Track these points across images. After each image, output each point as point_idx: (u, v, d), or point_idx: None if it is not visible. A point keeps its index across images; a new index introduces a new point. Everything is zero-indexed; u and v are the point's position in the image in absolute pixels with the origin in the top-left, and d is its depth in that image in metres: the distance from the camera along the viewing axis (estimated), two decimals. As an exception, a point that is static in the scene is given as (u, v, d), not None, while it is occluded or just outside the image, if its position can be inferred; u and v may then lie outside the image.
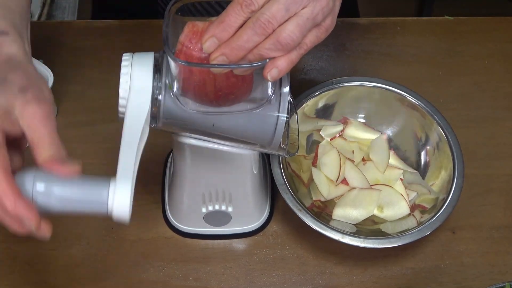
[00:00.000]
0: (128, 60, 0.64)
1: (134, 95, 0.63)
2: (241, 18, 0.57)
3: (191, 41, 0.61)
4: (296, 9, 0.58)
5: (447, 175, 0.80)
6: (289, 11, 0.57)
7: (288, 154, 0.70)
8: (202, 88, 0.62)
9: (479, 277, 0.79)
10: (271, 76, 0.59)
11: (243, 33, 0.57)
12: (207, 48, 0.58)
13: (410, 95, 0.84)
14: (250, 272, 0.79)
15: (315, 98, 0.85)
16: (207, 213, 0.78)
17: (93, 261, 0.79)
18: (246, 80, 0.62)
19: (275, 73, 0.59)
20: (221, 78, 0.61)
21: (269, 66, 0.59)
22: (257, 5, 0.57)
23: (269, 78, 0.59)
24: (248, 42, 0.57)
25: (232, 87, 0.62)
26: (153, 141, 0.66)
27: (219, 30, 0.57)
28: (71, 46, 0.99)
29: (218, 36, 0.58)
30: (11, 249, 0.80)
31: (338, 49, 1.00)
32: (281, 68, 0.59)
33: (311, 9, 0.58)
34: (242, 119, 0.66)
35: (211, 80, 0.61)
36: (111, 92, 0.68)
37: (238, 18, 0.57)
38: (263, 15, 0.57)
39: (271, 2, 0.57)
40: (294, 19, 0.58)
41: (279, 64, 0.59)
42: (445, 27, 1.03)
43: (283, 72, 0.59)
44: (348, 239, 0.74)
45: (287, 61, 0.59)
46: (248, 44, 0.57)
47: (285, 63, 0.59)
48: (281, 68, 0.59)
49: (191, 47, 0.61)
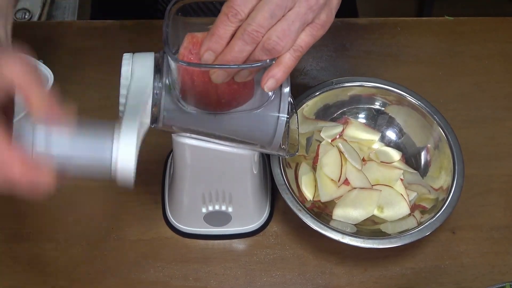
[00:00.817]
0: (128, 60, 0.64)
1: (134, 95, 0.63)
2: (230, 28, 0.57)
3: (191, 52, 0.61)
4: (282, 13, 0.58)
5: (447, 175, 0.80)
6: (274, 16, 0.57)
7: (288, 154, 0.71)
8: (204, 96, 0.63)
9: (479, 277, 0.80)
10: (268, 87, 0.59)
11: (235, 44, 0.57)
12: (205, 61, 0.59)
13: (410, 95, 0.84)
14: (250, 272, 0.79)
15: (315, 98, 0.85)
16: (207, 213, 0.78)
17: (93, 261, 0.79)
18: (247, 86, 0.62)
19: (272, 83, 0.59)
20: (223, 86, 0.62)
21: (265, 77, 0.59)
22: (243, 14, 0.57)
23: (266, 89, 0.59)
24: (241, 52, 0.58)
25: (234, 93, 0.63)
26: (153, 141, 0.66)
27: (212, 43, 0.58)
28: (71, 46, 0.99)
29: (212, 48, 0.58)
30: (11, 249, 0.80)
31: (338, 49, 1.00)
32: (278, 77, 0.59)
33: (296, 11, 0.58)
34: (242, 120, 0.66)
35: (213, 88, 0.62)
36: (111, 92, 0.68)
37: (228, 29, 0.57)
38: (250, 25, 0.57)
39: (256, 10, 0.57)
40: (279, 23, 0.58)
41: (275, 73, 0.59)
42: (445, 27, 1.03)
43: (280, 81, 0.59)
44: (348, 239, 0.74)
45: (282, 69, 0.59)
46: (241, 54, 0.58)
47: (280, 72, 0.59)
48: (277, 77, 0.59)
49: (191, 58, 0.61)
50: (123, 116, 0.55)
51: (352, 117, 0.87)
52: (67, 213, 0.82)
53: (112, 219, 0.82)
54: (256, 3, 0.57)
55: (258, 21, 0.57)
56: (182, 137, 0.69)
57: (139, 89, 0.63)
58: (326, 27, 0.61)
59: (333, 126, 0.86)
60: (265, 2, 0.57)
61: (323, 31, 0.61)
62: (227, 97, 0.63)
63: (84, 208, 0.83)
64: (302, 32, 0.59)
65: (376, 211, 0.81)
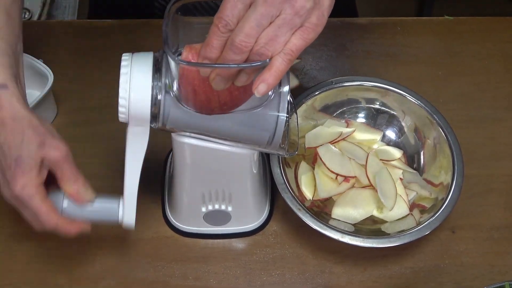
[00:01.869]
0: (128, 60, 0.64)
1: (134, 95, 0.63)
2: (222, 38, 0.59)
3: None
4: (269, 21, 0.58)
5: (447, 175, 0.80)
6: (260, 25, 0.58)
7: (288, 154, 0.71)
8: (207, 105, 0.64)
9: (478, 277, 0.80)
10: (259, 91, 0.59)
11: (226, 55, 0.59)
12: (203, 71, 0.60)
13: (410, 95, 0.84)
14: (250, 271, 0.79)
15: (315, 98, 0.85)
16: (207, 212, 0.78)
17: (93, 260, 0.79)
18: (247, 90, 0.63)
19: (263, 88, 0.59)
20: (224, 94, 0.62)
21: (256, 82, 0.59)
22: (232, 24, 0.58)
23: (257, 93, 0.59)
24: (233, 61, 0.59)
25: (236, 99, 0.63)
26: (153, 141, 0.66)
27: (207, 53, 0.59)
28: (71, 46, 0.99)
29: (208, 58, 0.60)
30: (11, 249, 0.80)
31: (338, 49, 1.00)
32: (269, 81, 0.59)
33: (283, 17, 0.58)
34: (242, 119, 0.66)
35: (215, 97, 0.63)
36: (111, 92, 0.68)
37: (219, 39, 0.59)
38: (237, 36, 0.58)
39: (243, 21, 0.58)
40: (266, 30, 0.58)
41: (266, 77, 0.59)
42: (445, 27, 1.04)
43: (271, 85, 0.59)
44: (348, 238, 0.74)
45: (274, 73, 0.59)
46: (233, 63, 0.59)
47: (272, 77, 0.59)
48: (269, 81, 0.59)
49: (190, 68, 0.62)
50: (124, 191, 0.70)
51: (352, 116, 0.87)
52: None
53: (112, 219, 0.82)
54: (244, 13, 0.58)
55: (245, 32, 0.58)
56: (182, 136, 0.69)
57: (139, 89, 0.63)
58: (318, 30, 0.61)
59: (337, 124, 0.86)
60: (251, 12, 0.58)
61: (315, 33, 0.61)
62: (229, 103, 0.64)
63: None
64: (292, 36, 0.60)
65: (375, 211, 0.81)
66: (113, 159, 0.87)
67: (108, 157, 0.87)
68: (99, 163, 0.86)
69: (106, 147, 0.88)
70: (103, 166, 0.86)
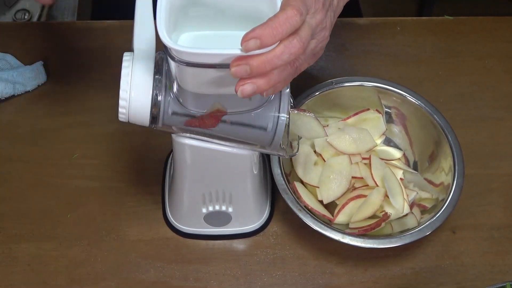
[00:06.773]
0: (129, 60, 0.64)
1: (134, 95, 0.63)
2: (296, 24, 0.56)
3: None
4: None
5: (447, 175, 0.80)
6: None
7: (288, 155, 0.70)
8: (213, 123, 0.65)
9: (479, 277, 0.80)
10: (242, 92, 0.57)
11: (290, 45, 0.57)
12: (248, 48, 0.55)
13: (410, 95, 0.84)
14: (251, 272, 0.79)
15: (315, 98, 0.85)
16: (207, 213, 0.78)
17: (93, 261, 0.79)
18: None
19: (249, 89, 0.57)
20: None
21: (239, 83, 0.57)
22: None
23: (240, 94, 0.57)
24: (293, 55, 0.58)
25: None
26: (153, 141, 0.66)
27: (271, 34, 0.55)
28: (71, 47, 0.99)
29: (265, 42, 0.55)
30: (11, 249, 0.80)
31: (338, 49, 1.00)
32: (259, 84, 0.57)
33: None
34: (242, 119, 0.66)
35: (219, 116, 0.64)
36: (111, 92, 0.68)
37: (292, 26, 0.56)
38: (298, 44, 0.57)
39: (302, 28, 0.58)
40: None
41: (256, 80, 0.57)
42: (445, 27, 1.03)
43: (259, 90, 0.57)
44: (349, 239, 0.74)
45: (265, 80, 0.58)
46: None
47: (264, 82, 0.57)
48: (258, 84, 0.57)
49: None
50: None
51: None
52: (67, 213, 0.82)
53: (112, 219, 0.82)
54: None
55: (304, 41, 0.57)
56: (182, 137, 0.69)
57: (139, 89, 0.63)
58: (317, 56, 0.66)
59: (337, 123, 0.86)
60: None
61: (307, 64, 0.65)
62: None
63: (84, 208, 0.83)
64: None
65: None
66: (113, 160, 0.87)
67: (108, 158, 0.87)
68: (99, 164, 0.86)
69: (106, 148, 0.88)
70: (103, 167, 0.86)
